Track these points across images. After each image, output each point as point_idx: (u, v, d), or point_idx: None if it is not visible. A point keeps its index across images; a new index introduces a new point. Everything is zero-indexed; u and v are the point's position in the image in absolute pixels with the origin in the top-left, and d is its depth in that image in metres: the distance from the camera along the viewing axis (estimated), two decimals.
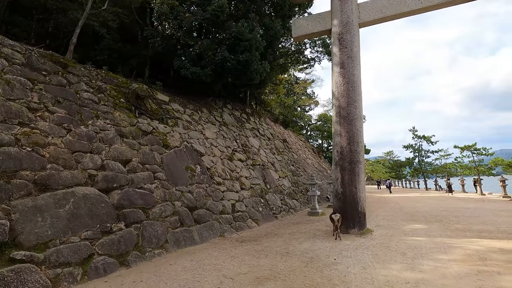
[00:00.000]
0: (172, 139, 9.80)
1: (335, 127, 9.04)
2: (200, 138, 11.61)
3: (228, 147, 13.24)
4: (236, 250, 6.59)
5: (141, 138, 8.63)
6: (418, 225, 9.41)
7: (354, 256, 5.72)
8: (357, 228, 8.22)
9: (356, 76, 8.92)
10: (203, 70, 12.80)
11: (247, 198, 11.15)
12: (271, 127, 21.89)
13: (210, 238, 7.88)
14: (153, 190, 7.54)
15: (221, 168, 11.16)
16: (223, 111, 16.01)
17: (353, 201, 8.33)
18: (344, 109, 8.80)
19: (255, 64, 13.18)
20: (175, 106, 12.18)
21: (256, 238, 8.06)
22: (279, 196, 13.77)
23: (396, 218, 11.18)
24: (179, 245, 6.90)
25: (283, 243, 7.21)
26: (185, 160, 9.57)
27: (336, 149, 8.92)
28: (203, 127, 12.78)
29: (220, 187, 10.17)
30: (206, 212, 8.53)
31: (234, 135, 14.74)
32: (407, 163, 41.30)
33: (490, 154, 22.70)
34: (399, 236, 7.64)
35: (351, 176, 8.45)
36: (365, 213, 8.52)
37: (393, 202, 18.47)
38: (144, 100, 9.85)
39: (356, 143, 8.60)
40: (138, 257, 5.85)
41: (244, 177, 12.31)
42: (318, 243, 7.02)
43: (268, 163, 15.70)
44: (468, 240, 6.95)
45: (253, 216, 10.51)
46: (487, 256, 5.36)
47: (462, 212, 12.33)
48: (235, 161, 12.72)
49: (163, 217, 7.13)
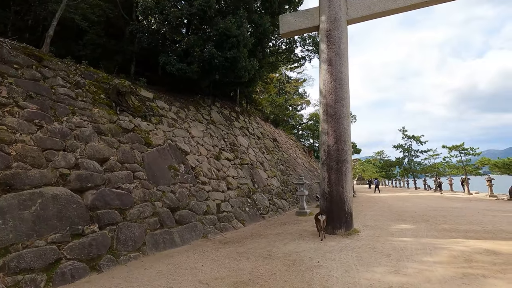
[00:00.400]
0: (155, 137, 9.46)
1: (322, 125, 8.85)
2: (185, 137, 11.29)
3: (216, 146, 12.95)
4: (218, 253, 6.33)
5: (121, 136, 8.27)
6: (406, 225, 9.32)
7: (338, 258, 5.53)
8: (343, 228, 8.05)
9: (344, 74, 8.75)
10: (189, 67, 12.47)
11: (234, 198, 10.89)
12: (261, 126, 21.66)
13: (192, 239, 7.59)
14: (132, 190, 7.21)
15: (207, 168, 10.87)
16: (211, 109, 15.69)
17: (340, 201, 8.16)
18: (332, 107, 8.62)
19: (243, 61, 12.91)
20: (160, 103, 11.82)
21: (240, 240, 7.81)
22: (267, 196, 13.54)
23: (384, 217, 11.08)
24: (158, 247, 6.59)
25: (267, 245, 6.97)
26: (169, 159, 9.25)
27: (323, 148, 8.73)
28: (190, 125, 12.45)
29: (205, 187, 9.88)
30: (189, 212, 8.23)
31: (222, 134, 14.44)
32: (397, 162, 41.66)
33: (477, 154, 22.98)
34: (386, 237, 7.49)
35: (338, 176, 8.27)
36: (351, 213, 8.36)
37: (382, 202, 18.48)
38: (126, 96, 9.48)
39: (343, 142, 8.43)
40: (112, 261, 5.52)
41: (231, 177, 12.04)
42: (303, 245, 6.81)
43: (257, 162, 15.46)
44: (454, 240, 6.85)
45: (239, 217, 10.25)
46: (472, 258, 5.24)
47: (449, 211, 12.34)
48: (222, 160, 12.44)
49: (142, 218, 6.81)
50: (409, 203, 16.64)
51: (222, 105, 17.34)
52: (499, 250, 5.74)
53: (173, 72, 12.41)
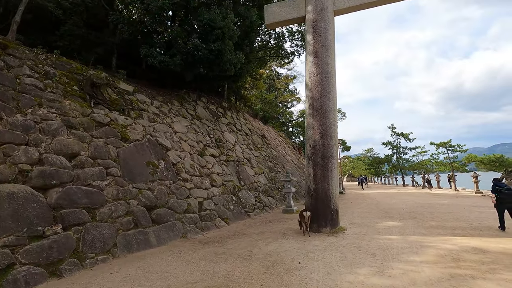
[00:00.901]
0: (133, 132, 8.95)
1: (308, 120, 8.53)
2: (167, 132, 10.80)
3: (200, 141, 12.49)
4: (195, 254, 5.93)
5: (94, 130, 7.75)
6: (393, 222, 9.11)
7: (321, 258, 5.21)
8: (329, 226, 7.76)
9: (330, 66, 8.43)
10: (172, 59, 11.95)
11: (217, 196, 10.48)
12: (250, 122, 21.27)
13: (169, 240, 7.17)
14: (104, 188, 6.72)
15: (189, 164, 10.42)
16: (197, 104, 15.20)
17: (326, 198, 7.86)
18: (317, 100, 8.29)
19: (229, 54, 12.46)
20: (141, 97, 11.28)
21: (222, 239, 7.43)
22: (253, 193, 13.19)
23: (371, 215, 10.88)
24: (131, 249, 6.15)
25: (249, 245, 6.62)
26: (147, 155, 8.77)
27: (308, 143, 8.41)
28: (172, 120, 11.96)
29: (187, 184, 9.44)
30: (167, 211, 7.79)
31: (207, 130, 13.99)
32: (386, 159, 41.96)
33: (464, 150, 23.20)
34: (372, 235, 7.24)
35: (324, 172, 7.97)
36: (337, 211, 8.08)
37: (370, 198, 18.40)
38: (101, 88, 8.93)
39: (329, 137, 8.12)
40: (75, 265, 5.06)
41: (216, 174, 11.63)
42: (286, 244, 6.48)
43: (244, 159, 15.07)
44: (441, 238, 6.64)
45: (222, 215, 9.87)
46: (460, 257, 5.00)
47: (436, 208, 12.25)
48: (206, 157, 12.01)
49: (113, 218, 6.34)
50: (397, 200, 16.58)
51: (208, 101, 16.87)
52: (487, 248, 5.53)
53: (155, 65, 11.88)
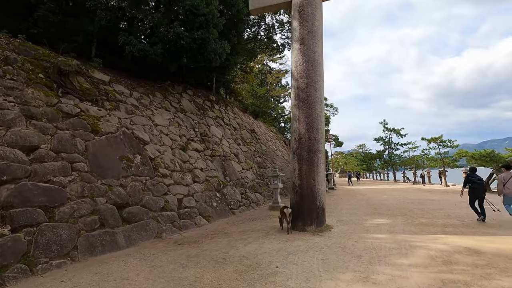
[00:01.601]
0: (106, 124, 8.31)
1: (294, 111, 8.01)
2: (146, 125, 10.17)
3: (183, 135, 11.88)
4: (165, 256, 5.39)
5: (60, 121, 7.09)
6: (382, 219, 8.71)
7: (301, 261, 4.73)
8: (314, 225, 7.30)
9: (317, 54, 7.90)
10: (152, 48, 11.27)
11: (199, 192, 9.93)
12: (239, 116, 20.68)
13: (141, 240, 6.60)
14: (67, 184, 6.11)
15: (169, 159, 9.82)
16: (181, 97, 14.55)
17: (311, 194, 7.39)
18: (303, 91, 7.77)
19: (213, 43, 11.82)
20: (118, 87, 10.60)
21: (199, 239, 6.90)
22: (240, 189, 12.67)
23: (361, 211, 10.49)
24: (94, 251, 5.57)
25: (226, 245, 6.10)
26: (121, 149, 8.14)
27: (294, 136, 7.90)
28: (153, 112, 11.31)
29: (165, 180, 8.86)
30: (141, 209, 7.21)
31: (192, 123, 13.38)
32: (378, 155, 41.92)
33: (455, 146, 23.08)
34: (359, 233, 6.81)
35: (310, 167, 7.48)
36: (324, 208, 7.62)
37: (361, 194, 18.09)
38: (70, 76, 8.23)
39: (315, 129, 7.63)
40: (23, 272, 4.47)
41: (199, 169, 11.06)
42: (266, 245, 5.98)
43: (231, 154, 14.52)
44: (432, 237, 6.23)
45: (204, 213, 9.33)
46: (452, 259, 4.57)
47: (427, 204, 11.94)
48: (189, 151, 11.42)
49: (76, 218, 5.74)
50: (388, 196, 16.29)
51: (195, 93, 16.23)
52: (480, 248, 5.13)
53: (134, 53, 11.19)
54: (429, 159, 25.26)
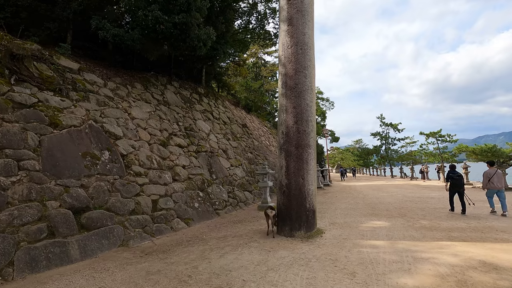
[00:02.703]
0: (69, 117, 7.33)
1: (281, 101, 7.08)
2: (120, 118, 9.19)
3: (165, 130, 10.92)
4: (121, 273, 4.49)
5: (9, 112, 6.11)
6: (379, 221, 7.88)
7: (281, 282, 3.85)
8: (303, 229, 6.43)
9: (307, 36, 6.95)
10: (129, 33, 10.24)
11: (179, 192, 9.01)
12: (230, 110, 19.72)
13: (101, 250, 5.68)
14: (9, 186, 5.16)
15: (145, 155, 8.87)
16: (166, 89, 13.55)
17: (300, 195, 6.50)
18: (292, 78, 6.84)
19: (196, 28, 10.81)
20: (90, 77, 9.59)
21: (171, 247, 6.01)
22: (227, 188, 11.78)
23: (356, 211, 9.65)
24: (36, 267, 4.65)
25: (199, 256, 5.22)
26: (85, 144, 7.18)
27: (281, 129, 6.99)
28: (131, 104, 10.33)
29: (138, 179, 7.93)
30: (104, 213, 6.28)
31: (176, 117, 12.41)
32: (375, 150, 41.21)
33: (454, 141, 22.34)
34: (354, 240, 5.95)
35: (298, 164, 6.59)
36: (314, 210, 6.74)
37: (357, 192, 17.30)
38: (26, 62, 7.22)
39: (305, 121, 6.71)
40: None
41: (181, 166, 10.13)
42: (245, 256, 5.10)
43: (219, 149, 13.60)
44: (437, 244, 5.39)
45: (183, 215, 8.42)
46: (467, 278, 3.72)
47: (427, 202, 11.14)
48: (171, 147, 10.47)
49: (15, 226, 4.80)
50: (385, 193, 15.50)
51: (181, 85, 15.23)
52: (497, 262, 4.28)
53: (107, 39, 10.16)
54: (427, 154, 24.53)
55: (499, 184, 8.09)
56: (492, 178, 8.14)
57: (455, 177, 8.73)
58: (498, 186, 8.09)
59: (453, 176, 8.74)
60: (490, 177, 8.18)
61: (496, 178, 8.12)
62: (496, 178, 8.13)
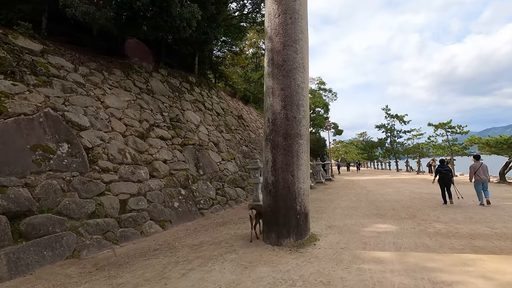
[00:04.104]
0: (19, 104, 6.24)
1: (267, 82, 5.91)
2: (90, 106, 8.10)
3: (145, 120, 9.83)
4: None
5: None
6: (385, 224, 6.74)
7: None
8: (293, 236, 5.32)
9: (299, 3, 5.73)
10: (101, 11, 9.07)
11: (156, 190, 7.95)
12: (226, 101, 18.56)
13: (42, 264, 4.64)
14: None
15: (117, 148, 7.79)
16: (151, 77, 12.43)
17: (289, 195, 5.38)
18: (279, 53, 5.65)
19: (178, 6, 9.60)
20: (57, 60, 8.49)
21: (129, 260, 4.95)
22: (216, 184, 10.70)
23: (358, 211, 8.51)
24: None
25: (156, 275, 4.15)
26: (37, 136, 6.11)
27: (267, 116, 5.83)
28: (106, 92, 9.23)
29: (104, 176, 6.86)
30: (52, 218, 5.23)
31: (161, 107, 11.30)
32: (379, 143, 39.79)
33: (465, 132, 20.93)
34: (355, 250, 4.83)
35: (287, 158, 5.44)
36: (307, 213, 5.61)
37: (360, 187, 16.12)
38: None
39: (295, 106, 5.55)
40: None
41: (161, 161, 9.06)
42: (214, 274, 4.02)
43: (209, 142, 12.49)
44: (460, 259, 4.25)
45: (158, 216, 7.36)
46: None
47: (438, 200, 9.95)
48: (151, 139, 9.39)
49: None
50: (391, 189, 14.31)
51: (170, 74, 14.11)
52: None
53: (77, 17, 8.99)
54: (435, 147, 23.14)
55: (484, 176, 8.85)
56: (477, 171, 8.93)
57: (443, 171, 9.30)
58: (483, 178, 8.85)
59: (441, 170, 9.33)
60: (476, 170, 8.98)
61: (481, 171, 8.90)
62: (482, 171, 8.91)
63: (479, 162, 9.18)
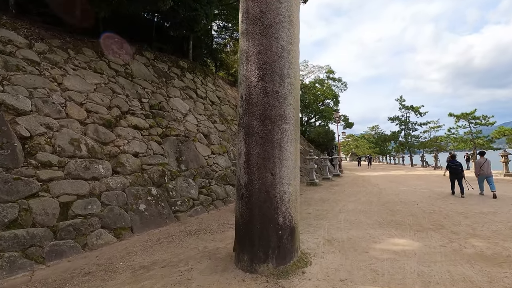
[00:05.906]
0: None
1: (241, 44, 4.27)
2: (40, 87, 6.68)
3: (116, 106, 8.38)
4: None
5: None
6: (403, 239, 5.07)
7: None
8: (272, 261, 3.75)
9: None
10: None
11: (117, 190, 6.50)
12: (223, 89, 17.00)
13: None
14: None
15: (69, 138, 6.36)
16: (133, 59, 10.98)
17: (267, 203, 3.79)
18: (256, 2, 4.00)
19: None
20: (4, 33, 7.10)
21: None
22: (201, 181, 9.21)
23: (368, 217, 6.85)
24: None
25: None
26: None
27: (240, 91, 4.22)
28: (67, 72, 7.81)
29: (42, 172, 5.43)
30: None
31: (140, 92, 9.83)
32: (392, 137, 37.44)
33: (491, 123, 18.68)
34: (358, 286, 3.22)
35: (265, 150, 3.84)
36: (294, 228, 4.01)
37: (371, 185, 14.34)
38: None
39: (277, 76, 3.91)
40: None
41: (131, 154, 7.61)
42: None
43: (198, 133, 10.99)
44: None
45: (114, 223, 5.90)
46: None
47: (467, 203, 8.16)
48: (121, 128, 7.95)
49: None
50: (406, 188, 12.50)
51: (158, 57, 12.65)
52: None
53: None
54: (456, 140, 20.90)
55: (488, 171, 9.41)
56: (482, 166, 9.48)
57: (453, 166, 9.80)
58: (487, 172, 9.40)
59: (452, 166, 9.84)
60: (481, 165, 9.53)
61: (486, 166, 9.44)
62: (486, 166, 9.44)
63: (483, 158, 9.67)
